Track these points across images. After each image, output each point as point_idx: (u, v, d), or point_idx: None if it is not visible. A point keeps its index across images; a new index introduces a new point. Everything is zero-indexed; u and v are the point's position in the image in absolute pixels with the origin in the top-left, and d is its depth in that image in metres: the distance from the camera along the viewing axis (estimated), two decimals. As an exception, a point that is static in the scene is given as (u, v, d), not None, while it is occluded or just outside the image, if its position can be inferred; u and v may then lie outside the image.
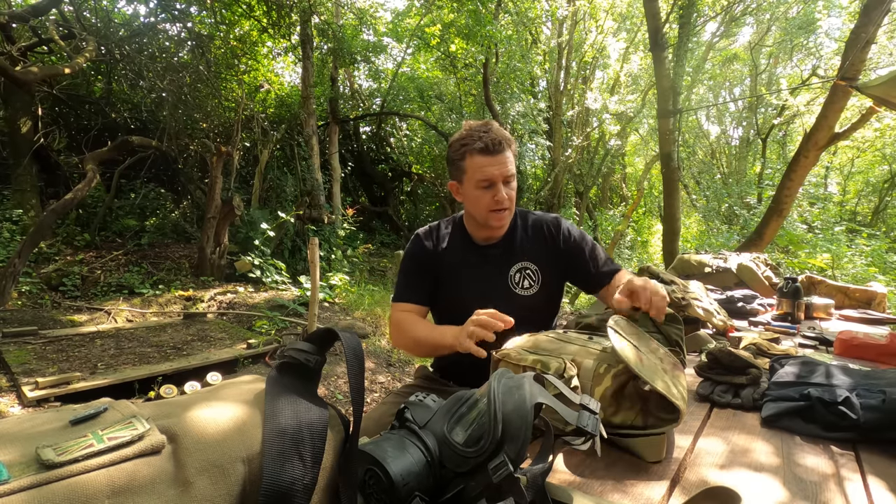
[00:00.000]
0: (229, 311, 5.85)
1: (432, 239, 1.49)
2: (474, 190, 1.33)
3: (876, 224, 11.89)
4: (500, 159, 1.30)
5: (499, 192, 1.31)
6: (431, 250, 1.47)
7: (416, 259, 1.48)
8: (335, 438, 0.54)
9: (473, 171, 1.32)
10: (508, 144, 1.33)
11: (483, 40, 8.16)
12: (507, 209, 1.35)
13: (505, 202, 1.33)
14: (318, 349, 0.58)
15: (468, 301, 1.39)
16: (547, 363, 0.89)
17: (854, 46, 4.28)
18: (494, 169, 1.30)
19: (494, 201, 1.32)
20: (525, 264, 1.43)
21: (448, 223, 1.53)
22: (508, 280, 1.42)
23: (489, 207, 1.33)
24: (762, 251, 4.94)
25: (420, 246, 1.48)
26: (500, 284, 1.41)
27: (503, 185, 1.32)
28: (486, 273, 1.42)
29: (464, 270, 1.43)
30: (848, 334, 1.57)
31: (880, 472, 0.83)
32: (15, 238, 6.11)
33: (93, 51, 6.29)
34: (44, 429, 0.44)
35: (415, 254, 1.48)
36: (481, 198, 1.33)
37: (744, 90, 16.46)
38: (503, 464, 0.52)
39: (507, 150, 1.32)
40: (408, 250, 1.50)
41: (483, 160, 1.30)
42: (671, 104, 6.41)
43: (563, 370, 0.87)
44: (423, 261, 1.47)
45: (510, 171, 1.32)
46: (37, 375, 3.56)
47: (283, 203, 8.87)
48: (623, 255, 13.61)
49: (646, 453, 0.81)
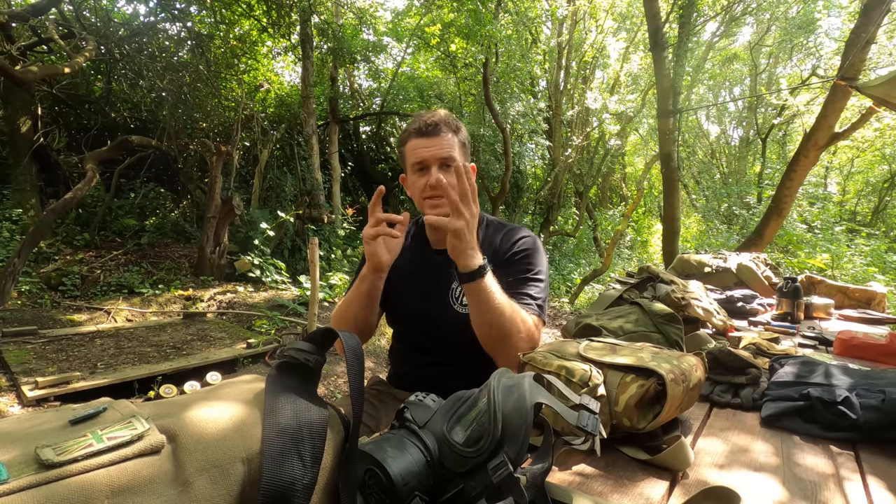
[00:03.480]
0: (229, 311, 5.85)
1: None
2: (411, 175, 1.25)
3: (875, 224, 11.90)
4: (435, 141, 1.20)
5: (432, 175, 1.19)
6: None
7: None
8: (335, 438, 0.54)
9: (409, 154, 1.23)
10: (449, 127, 1.23)
11: (483, 40, 8.15)
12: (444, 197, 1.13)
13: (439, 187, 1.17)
14: (317, 349, 0.58)
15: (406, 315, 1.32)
16: (572, 369, 0.87)
17: (854, 46, 4.28)
18: (427, 151, 1.20)
19: (427, 186, 1.20)
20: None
21: (415, 222, 1.41)
22: (450, 294, 1.26)
23: (422, 193, 1.22)
24: (762, 251, 4.94)
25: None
26: (441, 299, 1.26)
27: (438, 169, 1.21)
28: (428, 284, 1.29)
29: (408, 279, 1.30)
30: (847, 334, 1.57)
31: (880, 471, 0.83)
32: (14, 237, 6.11)
33: (92, 50, 6.28)
34: (43, 428, 0.44)
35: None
36: (416, 183, 1.23)
37: (743, 90, 16.46)
38: (503, 464, 0.52)
39: (445, 132, 1.21)
40: None
41: (417, 142, 1.21)
42: (671, 104, 6.41)
43: (588, 378, 0.85)
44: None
45: (447, 153, 1.20)
46: (36, 375, 3.56)
47: (282, 203, 8.87)
48: (623, 254, 13.62)
49: (677, 463, 0.80)
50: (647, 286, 1.82)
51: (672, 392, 0.84)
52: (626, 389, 0.85)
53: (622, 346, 0.99)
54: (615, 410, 0.85)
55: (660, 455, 0.81)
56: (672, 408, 0.87)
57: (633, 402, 0.84)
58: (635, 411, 0.85)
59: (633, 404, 0.84)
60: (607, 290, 1.84)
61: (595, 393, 0.83)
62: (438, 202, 1.19)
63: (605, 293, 1.80)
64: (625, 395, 0.85)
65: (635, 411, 0.85)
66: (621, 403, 0.84)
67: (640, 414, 0.85)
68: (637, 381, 0.85)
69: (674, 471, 0.80)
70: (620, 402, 0.85)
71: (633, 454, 0.84)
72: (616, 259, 11.84)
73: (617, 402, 0.85)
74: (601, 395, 0.84)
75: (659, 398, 0.86)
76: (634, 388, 0.85)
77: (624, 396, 0.85)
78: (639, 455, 0.83)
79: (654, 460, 0.82)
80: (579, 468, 0.80)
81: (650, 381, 0.85)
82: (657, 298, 1.69)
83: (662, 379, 0.84)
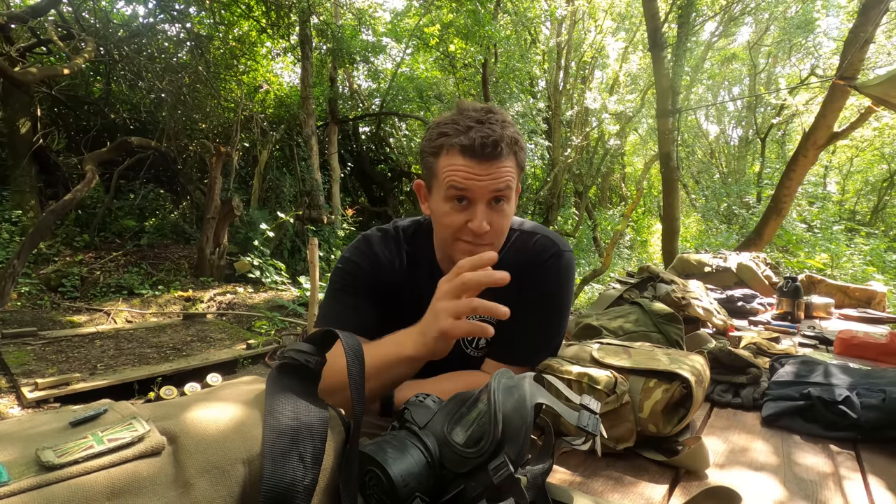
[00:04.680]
0: (229, 312, 5.85)
1: (386, 256, 1.02)
2: (442, 202, 0.91)
3: (875, 223, 11.91)
4: (490, 169, 0.87)
5: (476, 217, 0.88)
6: (387, 274, 1.01)
7: (364, 279, 1.00)
8: (335, 439, 0.54)
9: (445, 174, 0.89)
10: (511, 148, 0.89)
11: (482, 40, 8.17)
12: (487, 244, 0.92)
13: (485, 233, 0.89)
14: (318, 350, 0.58)
15: None
16: (596, 378, 0.83)
17: (852, 46, 4.28)
18: (477, 180, 0.87)
19: (467, 228, 0.89)
20: (484, 318, 0.94)
21: (409, 236, 1.06)
22: (461, 339, 1.03)
23: (457, 233, 0.91)
24: (762, 250, 4.94)
25: (371, 262, 1.01)
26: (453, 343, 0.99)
27: (487, 206, 0.89)
28: None
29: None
30: (848, 333, 1.57)
31: (880, 470, 0.83)
32: (14, 239, 6.11)
33: (92, 51, 6.29)
34: (43, 430, 0.44)
35: (359, 272, 1.00)
36: (448, 215, 0.91)
37: (742, 90, 16.48)
38: (503, 464, 0.52)
39: (505, 155, 0.88)
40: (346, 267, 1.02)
41: (463, 163, 0.87)
42: (670, 104, 6.41)
43: (613, 385, 0.82)
44: (369, 285, 1.00)
45: (505, 185, 0.88)
46: (36, 376, 3.56)
47: (282, 203, 8.87)
48: (623, 254, 13.63)
49: (698, 464, 0.80)
50: (647, 286, 1.82)
51: (697, 395, 0.84)
52: (651, 395, 0.83)
53: (633, 347, 0.97)
54: (640, 417, 0.82)
55: (680, 456, 0.80)
56: (695, 410, 0.86)
57: (659, 408, 0.82)
58: (661, 417, 0.82)
59: (659, 410, 0.82)
60: (607, 289, 1.84)
61: (622, 400, 0.82)
62: (478, 249, 0.90)
63: (605, 293, 1.80)
64: (650, 401, 0.82)
65: (661, 417, 0.82)
66: (647, 409, 0.82)
67: (665, 419, 0.83)
68: (661, 385, 0.83)
69: (694, 472, 0.80)
70: (646, 409, 0.82)
71: (651, 456, 0.83)
72: (616, 259, 11.84)
73: (642, 408, 0.82)
74: (626, 402, 0.82)
75: (683, 401, 0.85)
76: (660, 394, 0.82)
77: (649, 402, 0.82)
78: (657, 457, 0.82)
79: (673, 462, 0.81)
80: (579, 468, 0.80)
81: (674, 385, 0.83)
82: (657, 298, 1.69)
83: (687, 382, 0.83)
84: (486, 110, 0.90)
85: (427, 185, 0.96)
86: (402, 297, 1.00)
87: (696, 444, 0.79)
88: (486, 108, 0.90)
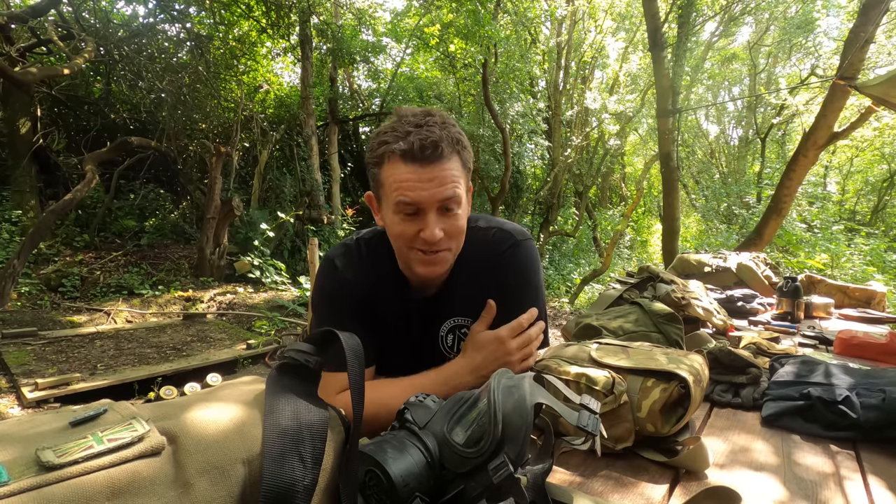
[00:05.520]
0: (229, 312, 5.85)
1: (352, 274, 1.00)
2: (392, 214, 0.89)
3: (875, 223, 11.91)
4: (433, 171, 0.85)
5: (428, 226, 0.86)
6: (364, 290, 1.00)
7: (351, 299, 0.99)
8: (335, 439, 0.54)
9: (390, 185, 0.87)
10: (452, 146, 0.87)
11: (482, 40, 8.16)
12: (444, 251, 0.91)
13: (439, 241, 0.88)
14: (318, 350, 0.58)
15: (396, 368, 0.99)
16: (594, 378, 0.84)
17: (853, 46, 4.28)
18: (421, 190, 0.85)
19: (420, 238, 0.88)
20: (458, 321, 1.02)
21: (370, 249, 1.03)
22: (441, 344, 1.04)
23: (410, 243, 0.90)
24: (761, 250, 4.94)
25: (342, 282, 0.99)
26: (433, 350, 1.04)
27: (438, 213, 0.88)
28: (416, 336, 1.04)
29: (392, 330, 1.02)
30: (848, 333, 1.57)
31: (880, 470, 0.83)
32: (14, 239, 6.11)
33: (92, 51, 6.29)
34: (43, 430, 0.44)
35: (346, 292, 0.99)
36: (399, 226, 0.89)
37: (743, 90, 16.47)
38: (503, 464, 0.52)
39: (447, 155, 0.86)
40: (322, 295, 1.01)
41: (405, 170, 0.85)
42: (670, 104, 6.41)
43: (611, 385, 0.83)
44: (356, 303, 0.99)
45: (451, 192, 0.86)
46: (36, 376, 3.56)
47: (282, 203, 8.88)
48: (623, 254, 13.63)
49: (698, 464, 0.80)
50: (647, 286, 1.82)
51: (695, 394, 0.84)
52: (649, 394, 0.83)
53: (632, 347, 0.97)
54: (638, 417, 0.83)
55: (680, 457, 0.81)
56: (693, 409, 0.86)
57: (657, 408, 0.82)
58: (660, 416, 0.82)
59: (657, 409, 0.82)
60: (607, 289, 1.84)
61: (620, 400, 0.82)
62: (434, 258, 0.91)
63: (604, 293, 1.80)
64: (648, 401, 0.83)
65: (660, 416, 0.82)
66: (645, 409, 0.82)
67: (663, 419, 0.83)
68: (659, 385, 0.83)
69: (694, 472, 0.80)
70: (644, 408, 0.82)
71: (651, 457, 0.83)
72: (616, 259, 11.84)
73: (640, 407, 0.83)
74: (624, 402, 0.83)
75: (681, 401, 0.85)
76: (658, 393, 0.83)
77: (647, 402, 0.83)
78: (656, 457, 0.83)
79: (673, 462, 0.81)
80: (580, 468, 0.80)
81: (672, 385, 0.83)
82: (657, 298, 1.68)
83: (685, 382, 0.83)
84: (424, 114, 0.89)
85: (376, 196, 0.95)
86: (376, 310, 1.01)
87: (696, 445, 0.79)
88: (424, 112, 0.90)
